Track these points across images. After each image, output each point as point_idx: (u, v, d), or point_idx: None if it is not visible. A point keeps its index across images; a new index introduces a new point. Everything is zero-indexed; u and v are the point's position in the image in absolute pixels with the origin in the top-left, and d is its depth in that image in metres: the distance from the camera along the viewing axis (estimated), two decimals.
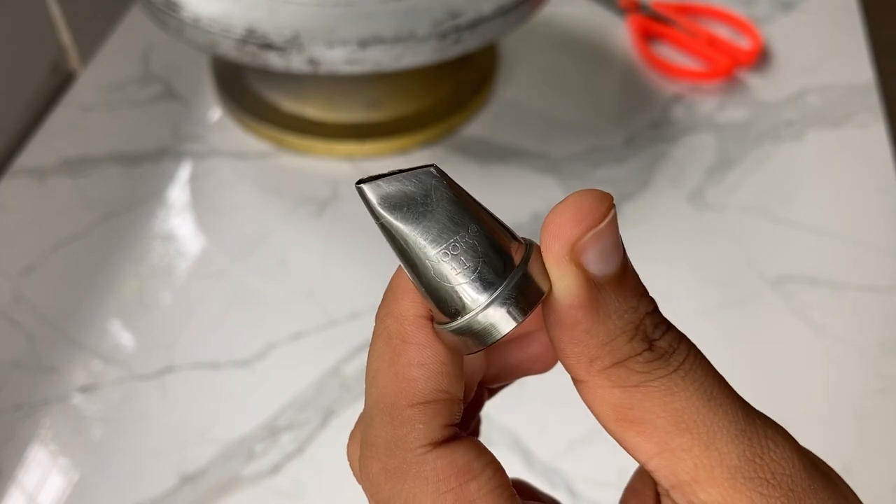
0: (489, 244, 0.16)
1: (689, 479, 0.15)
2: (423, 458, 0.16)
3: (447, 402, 0.17)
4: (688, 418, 0.15)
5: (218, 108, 0.57)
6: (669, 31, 0.64)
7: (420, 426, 0.16)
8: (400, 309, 0.17)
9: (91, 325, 0.44)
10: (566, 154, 0.54)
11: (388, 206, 0.16)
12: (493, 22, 0.47)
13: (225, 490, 0.38)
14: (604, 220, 0.15)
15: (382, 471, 0.16)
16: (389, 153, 0.54)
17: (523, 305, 0.15)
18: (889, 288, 0.46)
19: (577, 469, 0.39)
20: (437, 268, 0.16)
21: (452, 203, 0.16)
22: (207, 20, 0.46)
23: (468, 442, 0.16)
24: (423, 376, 0.16)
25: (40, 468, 0.39)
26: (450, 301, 0.16)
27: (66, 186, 0.52)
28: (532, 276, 0.16)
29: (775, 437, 0.16)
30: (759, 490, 0.15)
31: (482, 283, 0.15)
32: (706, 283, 0.47)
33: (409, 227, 0.16)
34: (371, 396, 0.17)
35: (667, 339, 0.16)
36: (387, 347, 0.17)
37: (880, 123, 0.56)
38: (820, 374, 0.43)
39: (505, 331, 0.15)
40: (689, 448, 0.15)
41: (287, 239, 0.49)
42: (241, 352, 0.43)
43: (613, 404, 0.16)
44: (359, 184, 0.16)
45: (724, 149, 0.55)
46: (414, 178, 0.16)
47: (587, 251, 0.15)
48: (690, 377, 0.16)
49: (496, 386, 0.21)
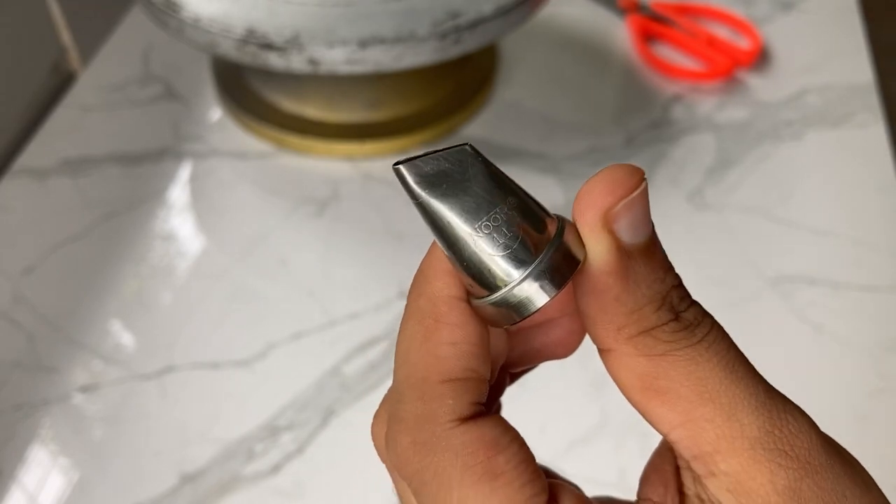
0: (526, 216, 0.16)
1: (710, 449, 0.16)
2: (452, 432, 0.16)
3: (476, 380, 0.17)
4: (711, 388, 0.16)
5: (218, 108, 0.57)
6: (669, 31, 0.64)
7: (450, 401, 0.17)
8: (433, 290, 0.17)
9: (91, 325, 0.44)
10: (566, 154, 0.54)
11: (426, 184, 0.16)
12: (493, 22, 0.47)
13: (225, 490, 0.38)
14: (636, 191, 0.16)
15: (412, 444, 0.17)
16: (389, 153, 0.54)
17: (559, 277, 0.16)
18: (889, 288, 0.46)
19: (577, 469, 0.39)
20: (477, 241, 0.16)
21: (489, 178, 0.16)
22: (208, 20, 0.46)
23: (495, 418, 0.17)
24: (455, 355, 0.17)
25: (41, 468, 0.39)
26: (488, 274, 0.16)
27: (67, 186, 0.52)
28: (567, 248, 0.16)
29: (794, 412, 0.16)
30: (778, 461, 0.15)
31: (522, 253, 0.16)
32: (706, 283, 0.47)
33: (448, 203, 0.16)
34: (402, 373, 0.17)
35: (692, 312, 0.17)
36: (419, 326, 0.17)
37: (880, 123, 0.57)
38: (820, 374, 0.43)
39: (542, 302, 0.16)
40: (712, 418, 0.16)
41: (287, 239, 0.49)
42: (241, 352, 0.43)
43: (639, 373, 0.16)
44: (396, 165, 0.16)
45: (723, 149, 0.55)
46: (450, 157, 0.16)
47: (619, 219, 0.16)
48: (714, 349, 0.16)
49: (518, 370, 0.22)
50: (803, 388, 0.42)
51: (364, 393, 0.42)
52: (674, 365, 0.16)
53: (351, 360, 0.43)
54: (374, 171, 0.53)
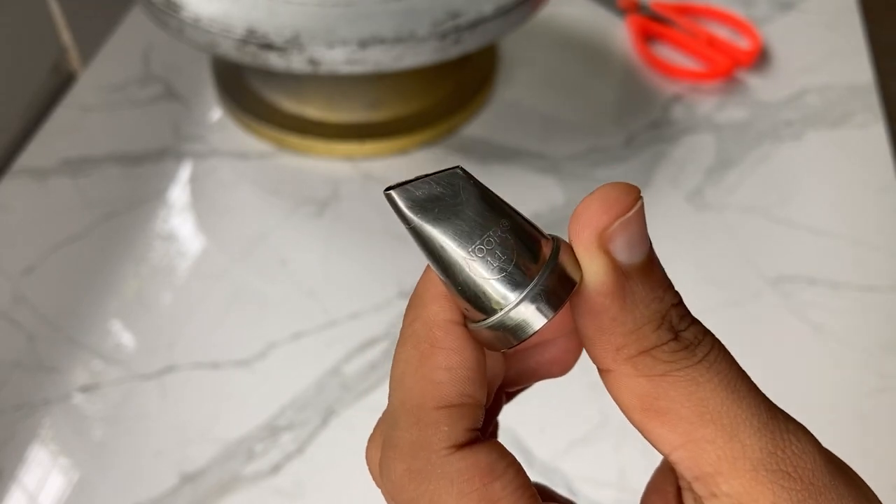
0: (521, 238, 0.16)
1: (712, 470, 0.16)
2: (447, 460, 0.16)
3: (472, 406, 0.17)
4: (712, 409, 0.16)
5: (218, 109, 0.57)
6: (669, 31, 0.64)
7: (445, 428, 0.16)
8: (428, 313, 0.17)
9: (91, 325, 0.44)
10: (566, 154, 0.55)
11: (418, 209, 0.16)
12: (493, 22, 0.47)
13: (225, 490, 0.38)
14: (631, 210, 0.16)
15: (406, 472, 0.16)
16: (389, 153, 0.54)
17: (555, 299, 0.16)
18: (889, 288, 0.46)
19: (577, 469, 0.39)
20: (472, 264, 0.16)
21: (481, 200, 0.16)
22: (208, 20, 0.46)
23: (491, 444, 0.17)
24: (450, 380, 0.16)
25: (41, 468, 0.39)
26: (483, 297, 0.16)
27: (67, 186, 0.52)
28: (562, 269, 0.16)
29: (797, 432, 0.16)
30: (781, 483, 0.15)
31: (517, 275, 0.16)
32: (706, 283, 0.47)
33: (441, 228, 0.16)
34: (396, 398, 0.17)
35: (692, 331, 0.16)
36: (415, 351, 0.17)
37: (880, 123, 0.57)
38: (820, 373, 0.43)
39: (539, 325, 0.16)
40: (713, 439, 0.15)
41: (287, 239, 0.49)
42: (241, 352, 0.43)
43: (639, 393, 0.16)
44: (387, 190, 0.16)
45: (723, 149, 0.55)
46: (441, 180, 0.16)
47: (615, 239, 0.16)
48: (715, 369, 0.16)
49: (514, 390, 0.22)
50: (803, 388, 0.42)
51: (364, 393, 0.42)
52: (674, 385, 0.16)
53: (351, 360, 0.43)
54: (374, 171, 0.53)
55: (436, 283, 0.17)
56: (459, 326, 0.17)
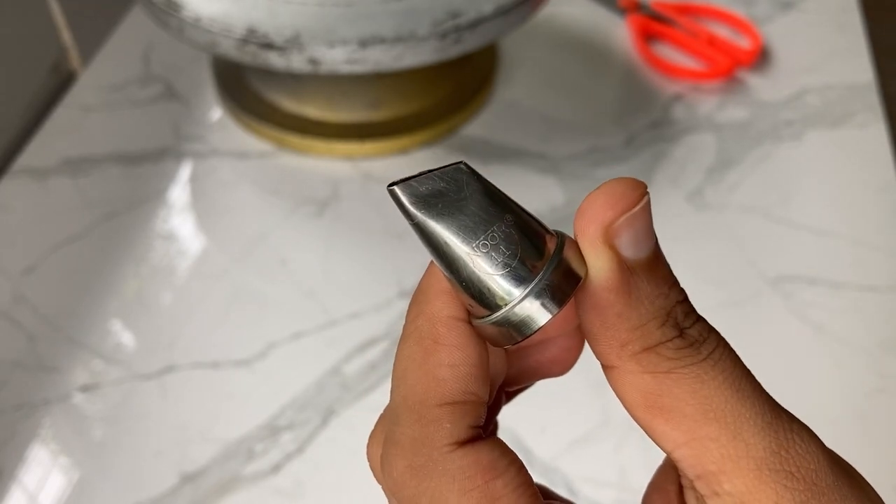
0: (525, 233, 0.16)
1: (715, 469, 0.15)
2: (448, 457, 0.16)
3: (474, 403, 0.17)
4: (716, 407, 0.15)
5: (218, 108, 0.57)
6: (669, 30, 0.64)
7: (447, 425, 0.16)
8: (432, 310, 0.17)
9: (91, 325, 0.44)
10: (566, 154, 0.55)
11: (421, 204, 0.16)
12: (493, 22, 0.47)
13: (225, 490, 0.38)
14: (637, 205, 0.16)
15: (408, 468, 0.16)
16: (390, 153, 0.54)
17: (560, 295, 0.16)
18: (889, 288, 0.46)
19: (577, 469, 0.39)
20: (476, 260, 0.16)
21: (485, 196, 0.16)
22: (208, 20, 0.46)
23: (492, 441, 0.17)
24: (453, 377, 0.16)
25: (41, 468, 0.39)
26: (488, 293, 0.16)
27: (67, 186, 0.52)
28: (567, 265, 0.16)
29: (801, 432, 0.16)
30: (784, 482, 0.15)
31: (522, 271, 0.16)
32: (706, 283, 0.47)
33: (445, 223, 0.16)
34: (398, 394, 0.17)
35: (697, 329, 0.16)
36: (418, 347, 0.17)
37: (880, 123, 0.57)
38: (820, 374, 0.43)
39: (544, 320, 0.15)
40: (716, 437, 0.15)
41: (287, 239, 0.49)
42: (241, 352, 0.43)
43: (643, 390, 0.16)
44: (390, 186, 0.16)
45: (723, 149, 0.55)
46: (445, 175, 0.16)
47: (621, 234, 0.16)
48: (720, 367, 0.16)
49: (514, 388, 0.22)
50: (803, 388, 0.42)
51: (364, 393, 0.42)
52: (678, 383, 0.16)
53: (351, 360, 0.43)
54: (374, 171, 0.53)
55: (439, 279, 0.17)
56: (463, 323, 0.17)
